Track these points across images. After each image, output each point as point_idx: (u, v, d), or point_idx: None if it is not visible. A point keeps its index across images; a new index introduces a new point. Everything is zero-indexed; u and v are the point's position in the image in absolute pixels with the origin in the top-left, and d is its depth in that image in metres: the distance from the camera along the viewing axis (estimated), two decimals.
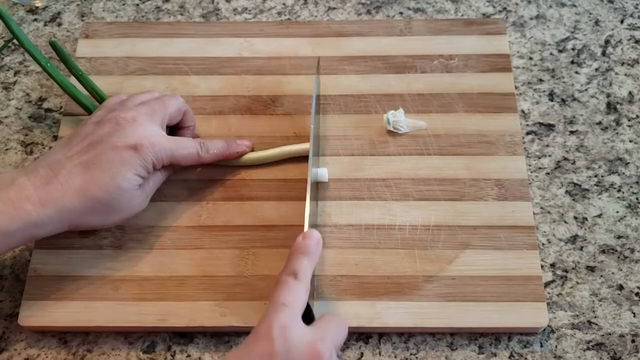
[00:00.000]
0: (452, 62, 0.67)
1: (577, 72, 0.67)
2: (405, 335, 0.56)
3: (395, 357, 0.55)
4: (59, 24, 0.73)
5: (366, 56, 0.67)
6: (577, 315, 0.56)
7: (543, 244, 0.59)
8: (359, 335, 0.56)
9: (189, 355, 0.55)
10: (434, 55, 0.67)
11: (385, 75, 0.66)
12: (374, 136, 0.63)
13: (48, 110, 0.68)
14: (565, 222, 0.60)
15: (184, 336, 0.56)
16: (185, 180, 0.61)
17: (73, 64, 0.63)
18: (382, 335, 0.56)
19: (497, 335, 0.55)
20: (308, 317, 0.49)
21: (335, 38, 0.68)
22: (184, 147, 0.57)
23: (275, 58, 0.67)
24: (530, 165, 0.63)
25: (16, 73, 0.70)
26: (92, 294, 0.57)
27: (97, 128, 0.55)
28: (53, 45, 0.62)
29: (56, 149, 0.55)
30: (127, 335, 0.56)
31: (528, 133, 0.64)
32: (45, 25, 0.73)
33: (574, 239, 0.59)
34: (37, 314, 0.56)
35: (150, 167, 0.55)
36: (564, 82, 0.67)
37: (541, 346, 0.55)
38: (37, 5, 0.74)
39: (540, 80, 0.67)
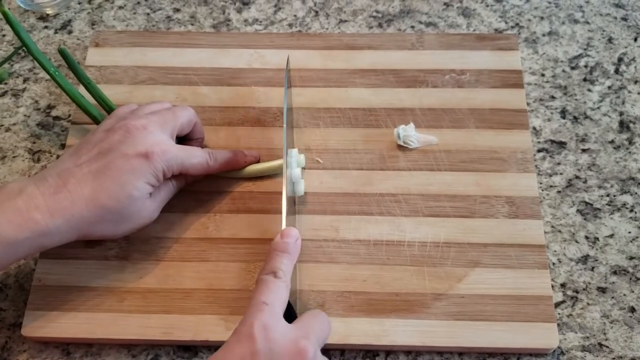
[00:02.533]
0: (463, 77, 0.66)
1: (589, 90, 0.67)
2: (413, 354, 0.55)
3: None
4: (70, 32, 0.73)
5: (377, 69, 0.67)
6: (588, 337, 0.55)
7: (553, 264, 0.58)
8: (366, 353, 0.55)
9: None
10: (445, 69, 0.67)
11: (396, 89, 0.66)
12: (384, 150, 0.63)
13: (56, 118, 0.67)
14: (577, 241, 0.59)
15: (188, 350, 0.55)
16: (193, 191, 0.61)
17: (82, 73, 0.63)
18: (389, 353, 0.55)
19: (506, 356, 0.54)
20: (290, 315, 0.49)
21: (346, 51, 0.68)
22: (194, 156, 0.57)
23: (284, 70, 0.67)
24: (541, 183, 0.62)
25: (25, 80, 0.70)
26: (97, 305, 0.56)
27: (107, 136, 0.54)
28: (62, 52, 0.61)
29: (65, 158, 0.54)
30: (131, 348, 0.56)
31: (539, 150, 0.64)
32: (55, 32, 0.73)
33: (585, 259, 0.59)
34: (40, 325, 0.55)
35: (160, 176, 0.54)
36: (576, 100, 0.66)
37: None
38: (48, 12, 0.74)
39: (552, 97, 0.66)
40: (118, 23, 0.73)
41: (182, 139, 0.61)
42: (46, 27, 0.73)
